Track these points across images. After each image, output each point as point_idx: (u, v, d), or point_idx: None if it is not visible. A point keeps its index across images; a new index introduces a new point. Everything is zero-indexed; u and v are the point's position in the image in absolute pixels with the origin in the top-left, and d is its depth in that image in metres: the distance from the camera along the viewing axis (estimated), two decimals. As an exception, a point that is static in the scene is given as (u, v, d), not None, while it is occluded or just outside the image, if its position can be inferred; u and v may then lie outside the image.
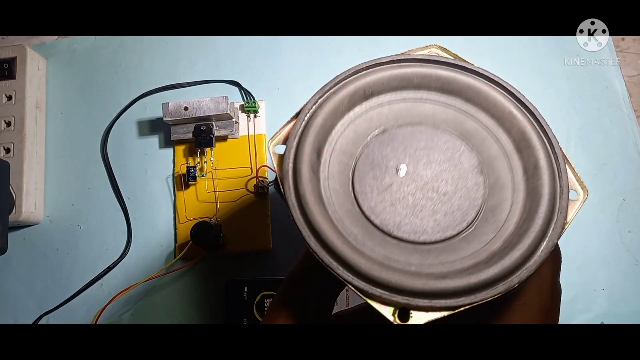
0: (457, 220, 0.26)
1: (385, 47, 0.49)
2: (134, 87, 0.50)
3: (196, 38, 0.51)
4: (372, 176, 0.27)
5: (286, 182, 0.26)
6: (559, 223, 0.25)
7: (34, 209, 0.47)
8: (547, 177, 0.25)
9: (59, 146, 0.50)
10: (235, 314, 0.43)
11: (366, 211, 0.27)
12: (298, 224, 0.26)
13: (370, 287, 0.23)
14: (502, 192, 0.26)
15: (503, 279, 0.23)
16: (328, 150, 0.28)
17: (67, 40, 0.53)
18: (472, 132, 0.28)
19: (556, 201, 0.25)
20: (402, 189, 0.27)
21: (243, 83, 0.49)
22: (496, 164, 0.27)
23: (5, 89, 0.48)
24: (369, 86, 0.29)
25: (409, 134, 0.28)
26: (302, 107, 0.28)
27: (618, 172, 0.44)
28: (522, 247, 0.24)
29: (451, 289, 0.23)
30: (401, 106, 0.29)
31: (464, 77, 0.29)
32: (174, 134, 0.46)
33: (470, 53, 0.47)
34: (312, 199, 0.25)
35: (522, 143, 0.27)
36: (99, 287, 0.46)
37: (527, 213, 0.25)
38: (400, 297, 0.23)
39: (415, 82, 0.29)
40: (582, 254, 0.43)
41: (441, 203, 0.27)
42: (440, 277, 0.24)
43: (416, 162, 0.27)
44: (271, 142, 0.28)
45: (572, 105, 0.46)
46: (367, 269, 0.23)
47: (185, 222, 0.46)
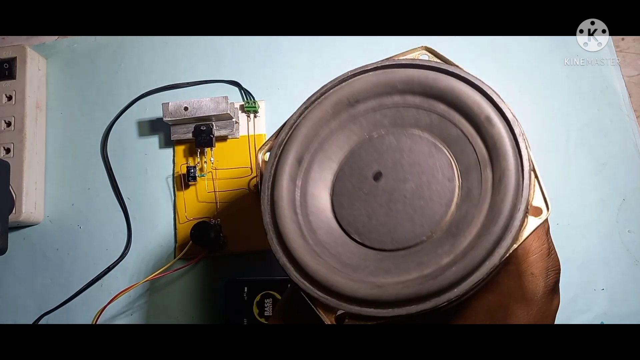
0: (422, 230, 0.26)
1: (385, 47, 0.48)
2: (134, 87, 0.50)
3: (196, 38, 0.51)
4: (350, 183, 0.28)
5: (264, 187, 0.28)
6: (507, 242, 0.23)
7: (34, 209, 0.47)
8: (510, 192, 0.24)
9: (59, 146, 0.50)
10: (235, 314, 0.43)
11: (338, 216, 0.28)
12: (266, 227, 0.28)
13: (312, 289, 0.25)
14: (469, 204, 0.26)
15: (434, 296, 0.23)
16: (311, 158, 0.29)
17: (67, 40, 0.53)
18: (454, 138, 0.27)
19: (512, 218, 0.24)
20: (377, 197, 0.27)
21: (243, 83, 0.49)
22: (471, 174, 0.26)
23: (5, 89, 0.48)
24: (353, 94, 0.29)
25: (391, 141, 0.28)
26: (288, 118, 0.29)
27: (618, 172, 0.44)
28: (462, 265, 0.24)
29: (383, 299, 0.24)
30: (386, 112, 0.29)
31: (445, 80, 0.28)
32: (174, 134, 0.46)
33: (470, 53, 0.48)
34: (284, 204, 0.27)
35: (494, 152, 0.26)
36: (99, 287, 0.46)
37: (483, 229, 0.24)
38: (335, 301, 0.25)
39: (399, 87, 0.29)
40: (582, 254, 0.43)
41: (410, 212, 0.27)
42: (378, 286, 0.24)
43: (394, 170, 0.28)
44: (260, 151, 0.30)
45: (572, 105, 0.46)
46: (313, 270, 0.25)
47: (185, 222, 0.46)
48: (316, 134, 0.29)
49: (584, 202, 0.44)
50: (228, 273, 0.45)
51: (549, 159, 0.45)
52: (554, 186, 0.44)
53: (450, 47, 0.48)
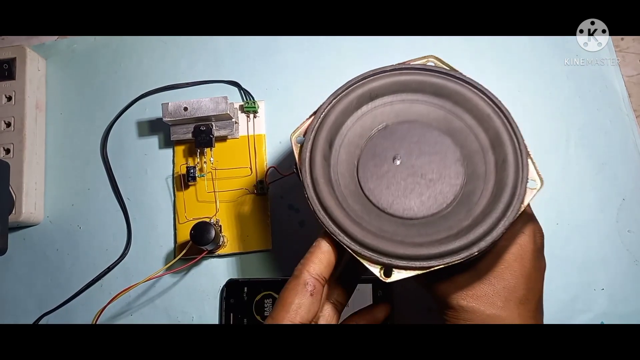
0: (438, 202, 0.32)
1: (385, 47, 0.49)
2: (134, 88, 0.50)
3: (196, 38, 0.51)
4: (373, 164, 0.34)
5: (303, 167, 0.32)
6: (516, 207, 0.30)
7: (34, 210, 0.47)
8: (512, 170, 0.31)
9: (58, 147, 0.50)
10: (235, 314, 0.43)
11: (366, 192, 0.33)
12: (311, 201, 0.32)
13: (363, 250, 0.30)
14: (477, 181, 0.32)
15: (466, 249, 0.29)
16: (338, 142, 0.34)
17: (66, 40, 0.53)
18: (458, 129, 0.34)
19: (517, 189, 0.30)
20: (396, 175, 0.33)
21: (243, 83, 0.49)
22: (475, 157, 0.33)
23: (5, 89, 0.48)
24: (374, 90, 0.34)
25: (405, 129, 0.34)
26: (319, 106, 0.34)
27: (618, 172, 0.44)
28: (485, 225, 0.30)
29: (424, 255, 0.29)
30: (400, 106, 0.35)
31: (453, 84, 0.34)
32: (174, 134, 0.46)
33: (470, 53, 0.48)
34: (323, 181, 0.32)
35: (495, 141, 0.32)
36: (99, 287, 0.46)
37: (493, 198, 0.31)
38: (386, 258, 0.30)
39: (412, 86, 0.34)
40: (582, 254, 0.43)
41: (427, 187, 0.33)
42: (418, 245, 0.30)
43: (410, 153, 0.34)
44: (293, 135, 0.34)
45: (571, 105, 0.46)
46: (361, 236, 0.30)
47: (185, 222, 0.46)
48: (343, 121, 0.34)
49: (584, 202, 0.44)
50: (228, 273, 0.45)
51: (548, 159, 0.45)
52: (554, 186, 0.44)
53: (450, 47, 0.48)
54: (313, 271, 0.30)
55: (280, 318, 0.29)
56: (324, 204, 0.31)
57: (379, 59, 0.49)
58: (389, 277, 0.30)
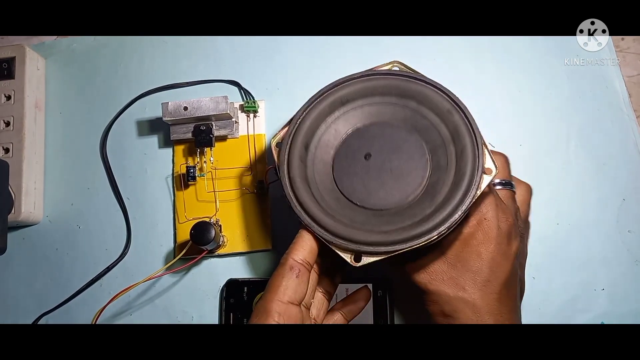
0: (406, 193, 0.36)
1: (385, 46, 0.48)
2: (134, 87, 0.50)
3: (196, 37, 0.51)
4: (346, 162, 0.37)
5: (281, 168, 0.36)
6: (472, 192, 0.33)
7: (33, 209, 0.47)
8: (470, 159, 0.34)
9: (58, 146, 0.50)
10: (235, 314, 0.43)
11: (340, 188, 0.37)
12: (288, 197, 0.35)
13: (335, 239, 0.33)
14: (440, 172, 0.35)
15: (427, 233, 0.32)
16: (314, 144, 0.37)
17: (66, 39, 0.53)
18: (423, 126, 0.37)
19: (474, 177, 0.33)
20: (368, 172, 0.37)
21: (243, 83, 0.49)
22: (438, 151, 0.36)
23: (4, 88, 0.48)
24: (344, 95, 0.38)
25: (375, 129, 0.38)
26: (293, 116, 0.37)
27: (618, 172, 0.44)
28: (444, 212, 0.33)
29: (390, 240, 0.33)
30: (370, 109, 0.38)
31: (415, 85, 0.37)
32: (174, 134, 0.46)
33: (470, 53, 0.48)
34: (299, 180, 0.35)
35: (455, 134, 0.35)
36: (98, 287, 0.46)
37: (454, 186, 0.34)
38: (355, 245, 0.33)
39: (380, 90, 0.38)
40: (582, 254, 0.43)
41: (396, 181, 0.36)
42: (384, 232, 0.33)
43: (380, 151, 0.37)
44: (273, 140, 0.38)
45: (572, 105, 0.46)
46: (333, 228, 0.34)
47: (185, 222, 0.46)
48: (317, 126, 0.37)
49: (584, 202, 0.44)
50: (228, 273, 0.45)
51: (549, 159, 0.45)
52: (554, 186, 0.44)
53: (450, 47, 0.48)
54: (297, 257, 0.33)
55: (270, 299, 0.31)
56: (300, 200, 0.35)
57: (379, 59, 0.49)
58: (359, 262, 0.33)
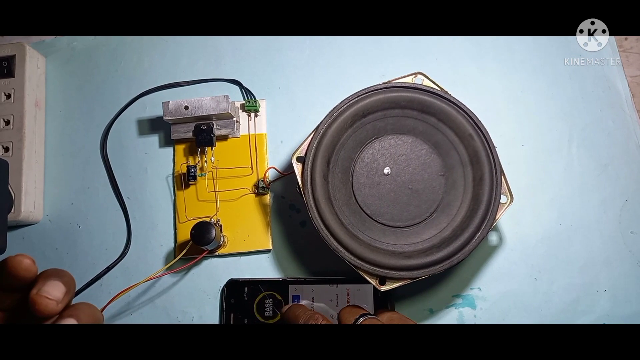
0: (422, 211, 0.37)
1: (386, 46, 0.48)
2: (134, 86, 0.50)
3: (197, 37, 0.51)
4: (365, 176, 0.38)
5: (306, 189, 0.37)
6: (490, 221, 0.35)
7: (33, 208, 0.47)
8: (487, 188, 0.36)
9: (58, 145, 0.50)
10: (236, 314, 0.43)
11: (360, 203, 0.38)
12: (314, 221, 0.37)
13: (362, 264, 0.35)
14: (456, 192, 0.37)
15: (448, 259, 0.35)
16: (335, 159, 0.38)
17: (66, 38, 0.52)
18: (441, 143, 0.38)
19: (491, 205, 0.35)
20: (386, 186, 0.38)
21: (244, 82, 0.49)
22: (455, 170, 0.37)
23: (4, 87, 0.48)
24: (366, 107, 0.38)
25: (394, 142, 0.39)
26: (317, 125, 0.38)
27: (620, 173, 0.44)
28: (462, 238, 0.35)
29: (413, 265, 0.35)
30: (390, 121, 0.39)
31: (438, 102, 0.37)
32: (174, 133, 0.46)
33: (473, 53, 0.48)
34: (324, 201, 0.36)
35: (474, 159, 0.37)
36: (98, 286, 0.46)
37: (470, 211, 0.36)
38: (381, 271, 0.35)
39: (401, 103, 0.38)
40: (584, 255, 0.43)
41: (413, 197, 0.37)
42: (407, 257, 0.35)
43: (398, 165, 0.38)
44: (294, 156, 0.38)
45: (574, 106, 0.46)
46: (360, 251, 0.35)
47: (185, 222, 0.46)
48: (339, 139, 0.38)
49: (586, 203, 0.44)
50: (228, 273, 0.45)
51: (551, 160, 0.45)
52: (557, 187, 0.44)
53: (451, 48, 0.48)
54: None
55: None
56: (325, 222, 0.36)
57: (379, 59, 0.49)
58: (384, 286, 0.35)
